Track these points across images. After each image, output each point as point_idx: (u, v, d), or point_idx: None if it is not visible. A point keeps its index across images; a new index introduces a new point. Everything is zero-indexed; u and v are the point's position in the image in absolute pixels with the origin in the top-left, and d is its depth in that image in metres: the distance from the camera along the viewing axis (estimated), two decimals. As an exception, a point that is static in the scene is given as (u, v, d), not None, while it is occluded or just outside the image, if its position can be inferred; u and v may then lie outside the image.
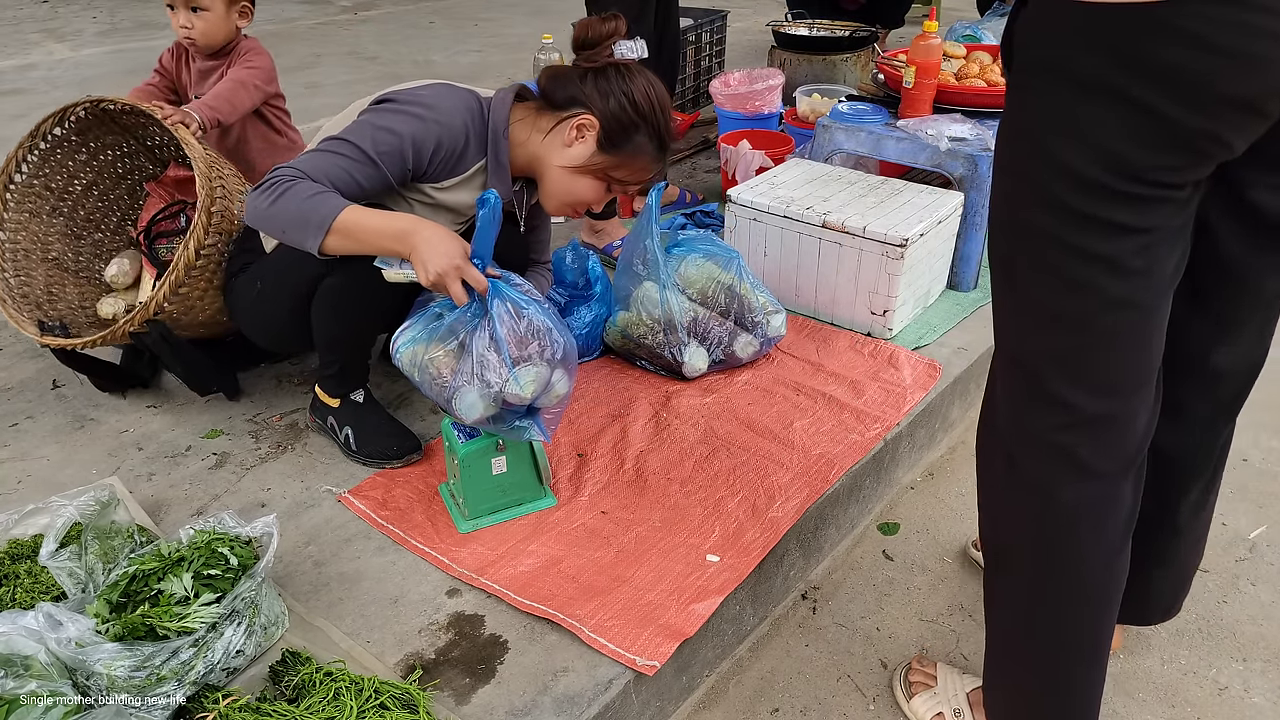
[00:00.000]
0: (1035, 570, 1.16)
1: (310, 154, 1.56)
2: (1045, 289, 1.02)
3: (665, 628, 1.41)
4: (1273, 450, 2.12)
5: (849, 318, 2.24)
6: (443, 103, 1.63)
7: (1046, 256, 1.00)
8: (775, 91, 3.33)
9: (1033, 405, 1.09)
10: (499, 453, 1.59)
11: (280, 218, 1.49)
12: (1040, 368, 1.06)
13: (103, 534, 1.42)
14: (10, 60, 5.39)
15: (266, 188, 1.49)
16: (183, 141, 1.85)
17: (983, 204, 2.28)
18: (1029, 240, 1.02)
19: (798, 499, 1.68)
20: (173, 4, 2.18)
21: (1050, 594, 1.16)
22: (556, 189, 1.70)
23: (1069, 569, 1.13)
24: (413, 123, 1.58)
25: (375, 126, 1.57)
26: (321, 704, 1.25)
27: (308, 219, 1.46)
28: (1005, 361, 1.13)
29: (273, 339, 1.88)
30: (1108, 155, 0.92)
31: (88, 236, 2.23)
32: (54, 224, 2.14)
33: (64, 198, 2.16)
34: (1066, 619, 1.16)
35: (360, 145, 1.55)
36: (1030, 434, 1.10)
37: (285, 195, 1.47)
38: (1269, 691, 1.53)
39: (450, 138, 1.62)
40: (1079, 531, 1.11)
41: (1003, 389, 1.14)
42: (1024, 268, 1.04)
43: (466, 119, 1.64)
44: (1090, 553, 1.12)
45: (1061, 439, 1.08)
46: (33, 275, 2.08)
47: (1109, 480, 1.10)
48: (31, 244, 2.10)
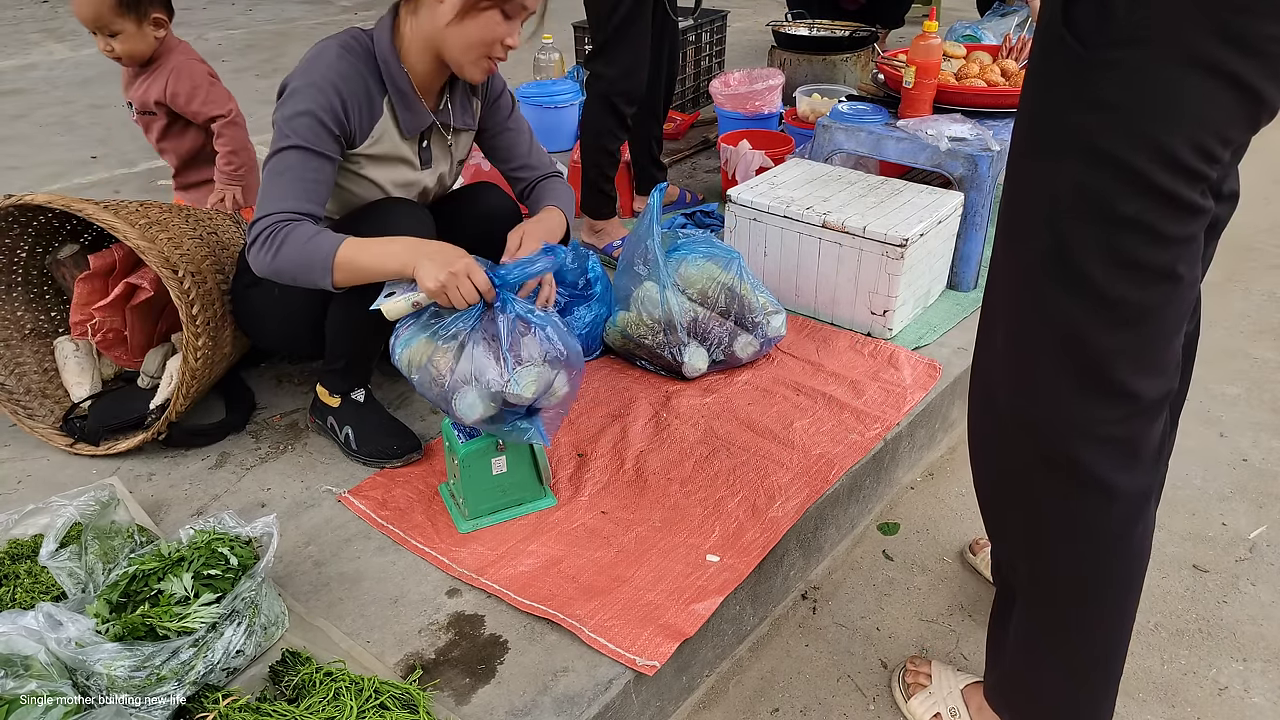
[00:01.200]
0: (1105, 579, 1.13)
1: (266, 187, 1.55)
2: (1123, 278, 0.96)
3: (665, 628, 1.41)
4: (1273, 450, 2.12)
5: (849, 318, 2.24)
6: (322, 59, 1.58)
7: (1125, 242, 0.94)
8: (775, 91, 3.33)
9: (1092, 400, 1.03)
10: (499, 453, 1.59)
11: (287, 272, 1.52)
12: (1107, 360, 1.00)
13: (103, 534, 1.42)
14: (10, 60, 5.39)
15: (263, 244, 1.51)
16: (139, 250, 1.67)
17: (983, 204, 2.28)
18: (1104, 226, 0.95)
19: (798, 499, 1.68)
20: (94, 31, 2.26)
21: (1118, 598, 1.14)
22: (457, 50, 1.59)
23: (1133, 564, 1.12)
24: (309, 94, 1.54)
25: (285, 120, 1.54)
26: (321, 704, 1.25)
27: (311, 266, 1.50)
28: (1053, 361, 1.04)
29: (290, 340, 1.88)
30: (1203, 133, 0.88)
31: (50, 293, 2.07)
32: (14, 297, 2.00)
33: (12, 269, 2.00)
34: (1127, 614, 1.16)
35: (287, 146, 1.53)
36: (1089, 431, 1.05)
37: (282, 248, 1.50)
38: (1269, 691, 1.53)
39: (348, 86, 1.57)
40: (1141, 523, 1.10)
41: (1047, 392, 1.06)
42: (1092, 256, 0.97)
43: (351, 61, 1.59)
44: (1144, 545, 1.12)
45: (1123, 431, 1.04)
46: (22, 361, 1.97)
47: (1154, 466, 1.09)
48: (5, 327, 1.97)
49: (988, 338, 1.15)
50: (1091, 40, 0.92)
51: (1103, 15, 0.91)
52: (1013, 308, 1.07)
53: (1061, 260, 0.99)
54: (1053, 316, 1.02)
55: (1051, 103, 0.97)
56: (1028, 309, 1.05)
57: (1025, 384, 1.08)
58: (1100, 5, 0.91)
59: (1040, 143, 0.99)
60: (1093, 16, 0.92)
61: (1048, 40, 0.97)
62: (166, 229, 1.78)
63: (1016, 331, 1.08)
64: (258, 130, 3.12)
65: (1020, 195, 1.04)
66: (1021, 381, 1.09)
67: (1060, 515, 1.13)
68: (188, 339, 1.71)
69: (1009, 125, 2.38)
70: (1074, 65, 0.93)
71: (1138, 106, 0.90)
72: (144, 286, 1.84)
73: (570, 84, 3.56)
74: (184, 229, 1.83)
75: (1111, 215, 0.94)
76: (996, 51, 2.73)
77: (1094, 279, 0.97)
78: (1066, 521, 1.12)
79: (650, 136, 2.89)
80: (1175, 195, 0.92)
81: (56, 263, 2.00)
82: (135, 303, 1.88)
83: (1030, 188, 1.01)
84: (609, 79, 2.41)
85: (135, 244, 1.65)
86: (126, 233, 1.65)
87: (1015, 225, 1.05)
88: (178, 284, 1.68)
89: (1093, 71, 0.92)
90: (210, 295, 1.77)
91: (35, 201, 1.69)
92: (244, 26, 6.33)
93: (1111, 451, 1.05)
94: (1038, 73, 1.00)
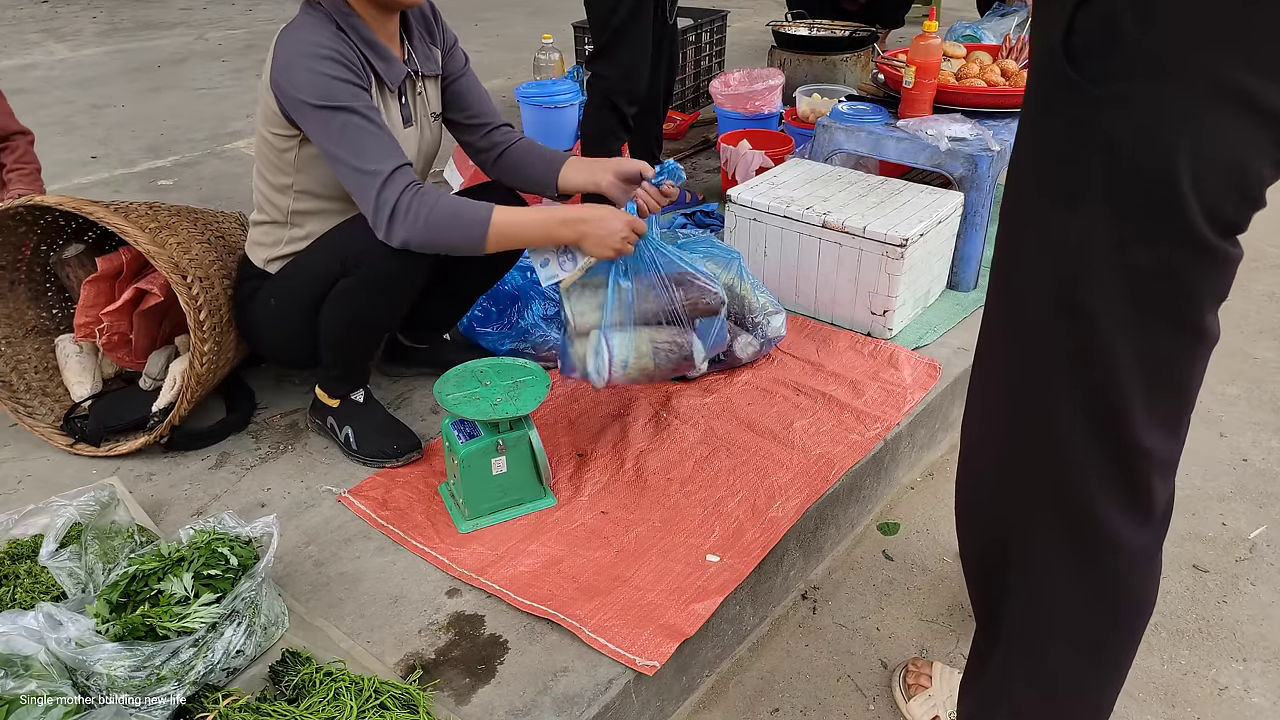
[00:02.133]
0: (1106, 627, 1.09)
1: (346, 151, 1.52)
2: (1146, 333, 0.87)
3: (665, 628, 1.41)
4: (1273, 450, 2.12)
5: (849, 318, 2.24)
6: (299, 33, 1.54)
7: (1149, 296, 0.85)
8: (775, 91, 3.33)
9: (1103, 453, 0.96)
10: (499, 453, 1.59)
11: (437, 242, 1.56)
12: (1123, 416, 0.93)
13: (103, 534, 1.42)
14: (10, 60, 5.39)
15: (404, 216, 1.52)
16: (149, 255, 1.67)
17: (983, 204, 2.28)
18: (1126, 276, 0.85)
19: (798, 499, 1.68)
20: None
21: (1116, 650, 1.11)
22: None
23: (1135, 617, 1.09)
24: (313, 65, 1.51)
25: (315, 86, 1.51)
26: (321, 704, 1.25)
27: (467, 235, 1.54)
28: (1063, 413, 0.96)
29: (289, 353, 1.87)
30: (1237, 176, 0.78)
31: (52, 290, 2.07)
32: (18, 293, 2.00)
33: (16, 266, 1.99)
34: (1123, 665, 1.13)
35: (338, 107, 1.51)
36: (1102, 483, 0.98)
37: (430, 219, 1.53)
38: (1269, 691, 1.53)
39: (336, 46, 1.54)
40: (1147, 576, 1.07)
41: (1083, 451, 0.97)
42: (1111, 309, 0.87)
43: (326, 31, 1.55)
44: (1147, 597, 1.10)
45: (1139, 484, 0.98)
46: (23, 359, 1.96)
47: (1163, 521, 1.06)
48: (7, 323, 1.96)
49: (986, 379, 1.09)
50: (1097, 73, 0.81)
51: (1107, 42, 0.80)
52: (1020, 351, 1.00)
53: (1076, 312, 0.90)
54: (1063, 365, 0.94)
55: (1058, 143, 0.87)
56: (1034, 355, 0.97)
57: (1029, 433, 1.01)
58: (1104, 30, 0.80)
59: (1048, 187, 0.90)
60: (1096, 45, 0.81)
61: (1047, 74, 0.88)
62: (176, 233, 1.78)
63: (1020, 377, 1.01)
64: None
65: (1028, 240, 0.95)
66: (1024, 430, 1.02)
67: (1060, 565, 1.07)
68: (194, 344, 1.71)
69: (1009, 125, 2.38)
70: (1080, 102, 0.83)
71: (1161, 148, 0.79)
72: (153, 292, 1.84)
73: (570, 84, 3.56)
74: (192, 233, 1.84)
75: (1135, 267, 0.84)
76: (996, 51, 2.74)
77: (1114, 334, 0.89)
78: (1066, 571, 1.07)
79: (650, 136, 2.89)
80: (1208, 246, 0.82)
81: (61, 262, 2.00)
82: (144, 308, 1.87)
83: (1041, 234, 0.92)
84: (611, 79, 2.41)
85: (145, 249, 1.65)
86: (137, 237, 1.66)
87: (1024, 270, 0.96)
88: (186, 290, 1.69)
89: (1103, 109, 0.82)
90: (217, 301, 1.78)
91: (46, 202, 1.69)
92: (244, 26, 6.33)
93: (1123, 506, 1.00)
94: (1040, 108, 0.90)
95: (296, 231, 1.72)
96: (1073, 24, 0.81)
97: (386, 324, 1.79)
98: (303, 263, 1.72)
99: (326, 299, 1.68)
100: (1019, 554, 1.10)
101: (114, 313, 1.85)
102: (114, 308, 1.85)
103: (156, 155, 3.74)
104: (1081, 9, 0.81)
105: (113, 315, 1.86)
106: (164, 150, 3.80)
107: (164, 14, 6.77)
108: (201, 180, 3.44)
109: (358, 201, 1.56)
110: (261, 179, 1.71)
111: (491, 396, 1.61)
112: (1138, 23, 0.77)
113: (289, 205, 1.70)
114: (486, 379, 1.66)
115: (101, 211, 1.68)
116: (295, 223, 1.72)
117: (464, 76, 1.86)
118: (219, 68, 5.10)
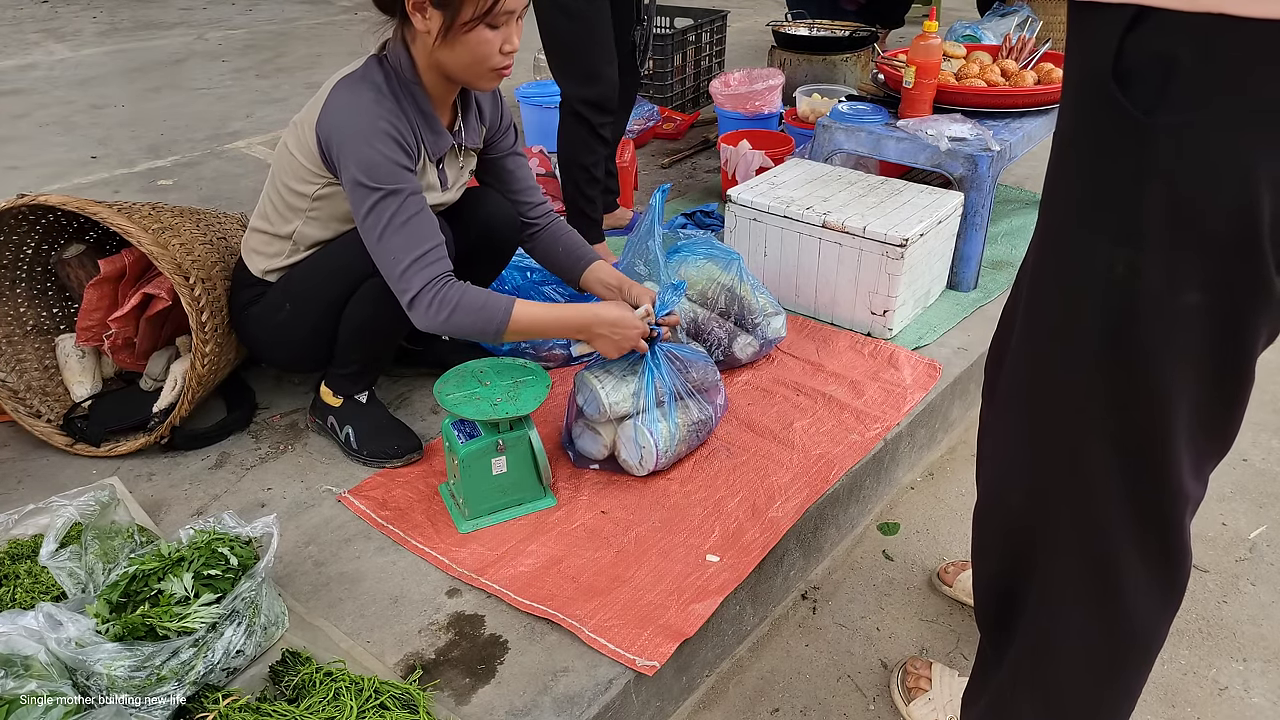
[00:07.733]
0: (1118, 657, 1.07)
1: (392, 239, 1.53)
2: (1210, 376, 0.84)
3: (665, 628, 1.41)
4: (1273, 450, 2.12)
5: (849, 318, 2.24)
6: (358, 105, 1.54)
7: (1198, 336, 0.82)
8: (775, 91, 3.33)
9: (1142, 499, 0.94)
10: (499, 453, 1.59)
11: (459, 331, 1.59)
12: (1168, 459, 0.90)
13: (103, 534, 1.42)
14: (10, 60, 5.39)
15: (431, 304, 1.54)
16: (152, 256, 1.67)
17: (983, 204, 2.28)
18: (1179, 316, 0.81)
19: (798, 499, 1.68)
20: None
21: (1126, 679, 1.10)
22: (458, 69, 1.57)
23: (1150, 649, 1.08)
24: (370, 139, 1.52)
25: (364, 171, 1.51)
26: (321, 704, 1.25)
27: (486, 327, 1.58)
28: (1097, 453, 0.93)
29: (298, 357, 1.85)
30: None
31: (52, 290, 2.06)
32: (18, 293, 1.99)
33: (17, 266, 1.99)
34: (1133, 692, 1.12)
35: (386, 192, 1.52)
36: (1139, 529, 0.95)
37: (456, 311, 1.55)
38: (1269, 691, 1.53)
39: (394, 122, 1.54)
40: (1165, 620, 1.06)
41: (1112, 498, 0.95)
42: (1162, 350, 0.83)
43: (386, 102, 1.55)
44: (1161, 632, 1.08)
45: (1171, 530, 0.96)
46: (23, 358, 1.95)
47: (1184, 561, 1.03)
48: (7, 323, 1.95)
49: (1011, 410, 1.06)
50: (1152, 104, 0.76)
51: (1165, 71, 0.74)
52: (1052, 390, 0.96)
53: (1123, 351, 0.86)
54: (1101, 406, 0.91)
55: (1107, 173, 0.82)
56: (1069, 395, 0.93)
57: (1056, 475, 0.99)
58: (1160, 61, 0.75)
59: (1095, 219, 0.85)
60: (1150, 73, 0.75)
61: (1090, 95, 0.82)
62: (178, 234, 1.78)
63: (1051, 415, 0.97)
64: (261, 130, 3.18)
65: (1068, 273, 0.89)
66: (1050, 472, 0.99)
67: (1077, 596, 1.05)
68: (196, 346, 1.71)
69: (1009, 125, 2.38)
70: (1131, 130, 0.78)
71: (1235, 185, 0.75)
72: (161, 296, 1.83)
73: (570, 84, 3.56)
74: (195, 234, 1.84)
75: (1195, 307, 0.81)
76: (996, 51, 2.74)
77: (1166, 378, 0.85)
78: (1083, 601, 1.05)
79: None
80: (1274, 287, 0.79)
81: (62, 262, 2.00)
82: (151, 313, 1.87)
83: (1086, 268, 0.87)
84: (570, 90, 2.35)
85: (149, 250, 1.65)
86: (140, 238, 1.66)
87: (1064, 306, 0.91)
88: (188, 291, 1.69)
89: (1160, 142, 0.77)
90: (219, 302, 1.78)
91: (50, 202, 1.69)
92: (244, 26, 6.33)
93: (1153, 549, 0.98)
94: (1082, 130, 0.85)
95: (299, 247, 1.72)
96: (1122, 47, 0.77)
97: (410, 323, 1.77)
98: (322, 262, 1.70)
99: (354, 296, 1.68)
100: (1037, 585, 1.08)
101: (121, 319, 1.85)
102: (121, 314, 1.85)
103: (156, 155, 3.74)
104: (1131, 34, 0.76)
105: (120, 322, 1.86)
106: (164, 150, 3.79)
107: (164, 14, 6.77)
108: (201, 180, 3.44)
109: (382, 271, 1.58)
110: (276, 192, 1.69)
111: (491, 396, 1.61)
112: (1198, 55, 0.73)
113: (299, 225, 1.69)
114: (486, 379, 1.66)
115: (105, 212, 1.68)
116: (300, 240, 1.71)
117: (512, 155, 1.90)
118: (219, 68, 5.09)
